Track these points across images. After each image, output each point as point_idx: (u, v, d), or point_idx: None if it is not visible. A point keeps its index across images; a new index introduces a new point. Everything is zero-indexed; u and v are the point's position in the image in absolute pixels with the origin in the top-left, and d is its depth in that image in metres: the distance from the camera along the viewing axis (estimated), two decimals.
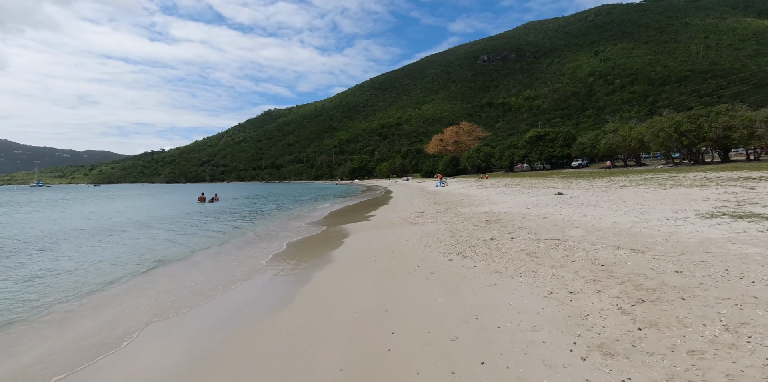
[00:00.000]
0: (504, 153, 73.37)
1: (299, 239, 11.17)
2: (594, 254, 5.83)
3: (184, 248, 10.47)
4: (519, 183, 28.36)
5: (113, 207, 28.71)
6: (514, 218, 10.54)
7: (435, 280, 5.41)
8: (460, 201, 18.31)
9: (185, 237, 12.35)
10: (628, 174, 29.20)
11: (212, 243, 11.03)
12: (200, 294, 5.98)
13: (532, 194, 17.86)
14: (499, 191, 22.31)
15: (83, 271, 7.86)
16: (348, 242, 10.00)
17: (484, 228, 9.38)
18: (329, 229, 13.00)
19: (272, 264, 7.96)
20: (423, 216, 13.40)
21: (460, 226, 10.18)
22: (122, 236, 12.87)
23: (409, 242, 8.69)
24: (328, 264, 7.46)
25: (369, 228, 12.20)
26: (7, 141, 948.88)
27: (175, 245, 10.89)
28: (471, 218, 11.64)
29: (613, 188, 18.42)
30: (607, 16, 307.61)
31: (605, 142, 48.59)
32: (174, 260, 8.90)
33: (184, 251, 9.99)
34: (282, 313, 4.87)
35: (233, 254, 9.37)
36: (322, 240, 10.69)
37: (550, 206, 12.56)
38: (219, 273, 7.40)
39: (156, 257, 9.18)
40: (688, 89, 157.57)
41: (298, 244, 10.34)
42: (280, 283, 6.50)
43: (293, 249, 9.58)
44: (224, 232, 13.24)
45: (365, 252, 8.14)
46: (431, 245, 7.90)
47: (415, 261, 6.67)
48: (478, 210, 13.50)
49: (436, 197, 23.02)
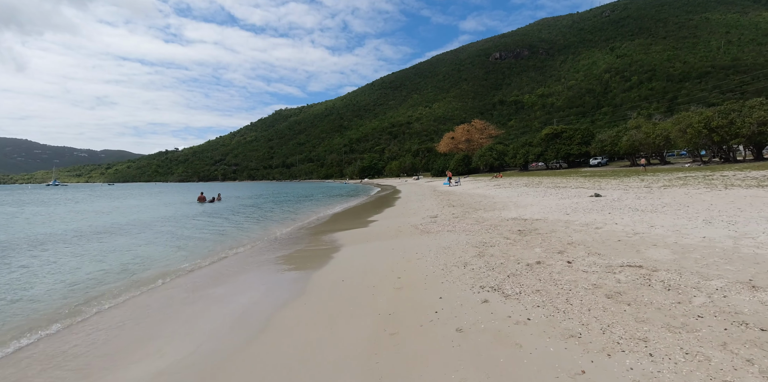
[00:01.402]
0: (518, 151, 70.81)
1: (276, 256, 8.83)
2: (729, 303, 3.56)
3: (115, 274, 7.60)
4: (540, 183, 25.91)
5: (103, 207, 27.02)
6: (555, 228, 8.25)
7: (466, 349, 3.19)
8: (479, 203, 16.00)
9: (146, 249, 10.28)
10: (656, 173, 26.65)
11: (154, 263, 8.63)
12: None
13: (562, 196, 15.46)
14: (521, 192, 19.92)
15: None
16: (338, 258, 7.81)
17: (520, 243, 7.10)
18: (319, 238, 10.81)
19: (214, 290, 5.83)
20: (437, 222, 11.16)
21: (486, 238, 7.92)
22: (76, 247, 10.93)
23: (421, 262, 6.47)
24: (298, 298, 5.27)
25: (370, 238, 10.00)
26: (28, 141, 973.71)
27: (106, 271, 7.82)
28: (498, 225, 9.36)
29: (656, 189, 15.95)
30: (623, 11, 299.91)
31: (627, 140, 45.82)
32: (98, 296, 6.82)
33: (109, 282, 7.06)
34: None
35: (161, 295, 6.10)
36: (305, 256, 8.44)
37: (595, 211, 10.21)
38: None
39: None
40: (709, 85, 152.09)
41: (269, 262, 8.16)
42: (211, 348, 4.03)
43: (256, 273, 7.42)
44: (188, 248, 10.48)
45: (358, 278, 5.93)
46: (452, 270, 5.68)
47: (431, 300, 4.46)
48: (503, 215, 11.20)
49: (450, 198, 20.68)
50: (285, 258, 8.38)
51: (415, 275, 5.64)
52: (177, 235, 12.58)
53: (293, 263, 7.78)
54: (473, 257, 6.27)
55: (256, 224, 15.52)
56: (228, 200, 33.79)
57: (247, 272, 7.35)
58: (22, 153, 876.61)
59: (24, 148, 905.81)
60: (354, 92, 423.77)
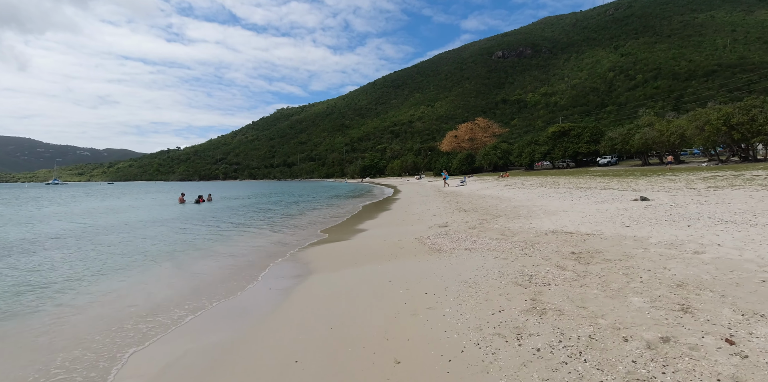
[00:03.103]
0: (524, 150, 68.27)
1: (192, 320, 6.37)
2: None
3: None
4: (556, 183, 23.26)
5: (62, 210, 24.43)
6: (627, 250, 5.69)
7: None
8: (496, 208, 13.40)
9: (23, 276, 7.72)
10: (678, 172, 24.11)
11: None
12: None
13: (596, 199, 12.83)
14: (540, 193, 17.30)
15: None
16: (296, 302, 5.17)
17: (589, 279, 4.52)
18: (284, 259, 8.29)
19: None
20: (449, 234, 8.60)
21: (528, 265, 5.36)
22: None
23: (435, 316, 3.89)
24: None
25: (358, 258, 7.40)
26: (31, 140, 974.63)
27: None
28: (536, 243, 6.79)
29: (703, 190, 13.42)
30: (627, 9, 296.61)
31: (640, 138, 43.34)
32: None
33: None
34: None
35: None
36: (238, 306, 5.38)
37: (664, 222, 7.61)
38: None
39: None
40: (715, 84, 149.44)
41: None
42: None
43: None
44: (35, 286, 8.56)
45: (322, 359, 3.39)
46: (497, 347, 3.08)
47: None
48: (536, 226, 8.63)
49: (459, 201, 18.06)
50: (211, 318, 4.80)
51: (427, 357, 3.10)
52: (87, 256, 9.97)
53: (211, 325, 4.59)
54: (524, 312, 3.69)
55: (218, 238, 12.34)
56: (217, 201, 31.29)
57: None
58: (26, 152, 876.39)
59: (27, 147, 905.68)
60: (356, 91, 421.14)
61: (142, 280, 6.72)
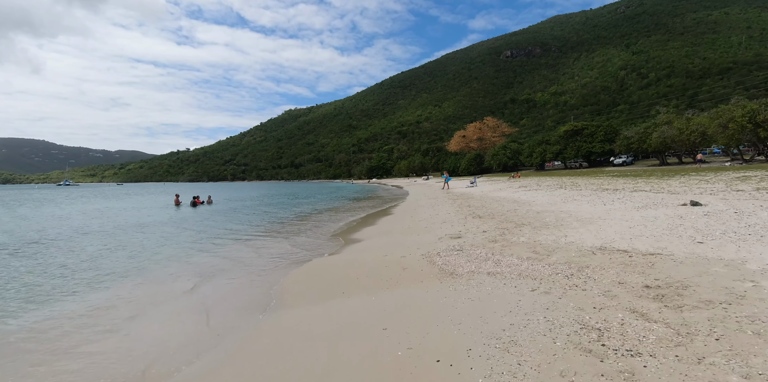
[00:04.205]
0: (534, 150, 66.32)
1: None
2: None
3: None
4: (575, 184, 21.33)
5: (54, 211, 23.19)
6: (730, 284, 3.89)
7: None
8: (514, 213, 11.61)
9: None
10: (701, 172, 21.96)
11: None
12: None
13: (635, 204, 10.87)
14: (563, 196, 15.45)
15: None
16: (242, 359, 3.52)
17: (715, 348, 2.74)
18: (259, 280, 6.66)
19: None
20: (463, 250, 6.91)
21: (586, 308, 3.64)
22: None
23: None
24: None
25: (344, 285, 5.72)
26: (45, 142, 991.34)
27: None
28: (583, 267, 5.06)
29: (753, 193, 11.61)
30: (639, 7, 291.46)
31: (658, 136, 41.35)
32: None
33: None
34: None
35: None
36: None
37: (750, 236, 5.77)
38: None
39: None
40: (731, 82, 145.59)
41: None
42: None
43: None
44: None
45: None
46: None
47: None
48: (573, 239, 6.88)
49: (471, 204, 16.26)
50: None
51: None
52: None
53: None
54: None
55: (172, 258, 10.45)
56: (217, 203, 29.96)
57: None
58: (39, 153, 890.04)
59: (41, 149, 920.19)
60: (363, 92, 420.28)
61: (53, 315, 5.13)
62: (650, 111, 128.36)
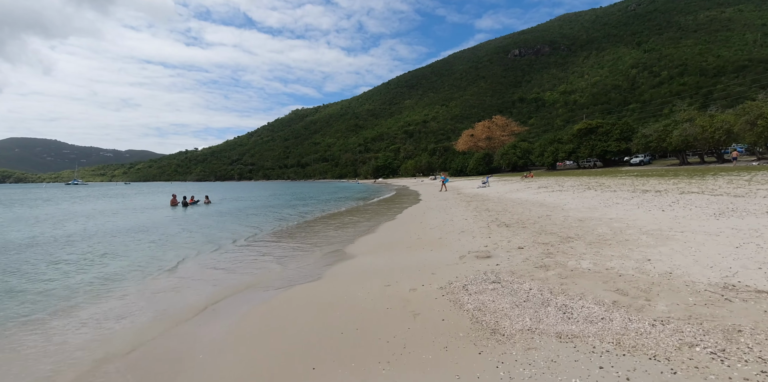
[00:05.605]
0: (546, 149, 64.62)
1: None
2: None
3: None
4: (602, 184, 19.67)
5: (45, 212, 22.37)
6: None
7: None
8: (549, 220, 10.13)
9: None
10: (731, 172, 19.90)
11: None
12: None
13: (707, 211, 9.14)
14: (601, 199, 13.81)
15: None
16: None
17: None
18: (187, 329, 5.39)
19: None
20: (501, 281, 5.09)
21: None
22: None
23: None
24: None
25: (311, 354, 3.51)
26: (57, 141, 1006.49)
27: None
28: (732, 330, 3.16)
29: None
30: (650, 5, 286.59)
31: (679, 134, 39.65)
32: None
33: None
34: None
35: None
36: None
37: None
38: None
39: None
40: (747, 79, 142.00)
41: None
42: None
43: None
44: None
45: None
46: None
47: None
48: (667, 268, 5.11)
49: (490, 207, 14.86)
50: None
51: None
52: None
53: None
54: None
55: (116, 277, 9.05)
56: (215, 202, 29.08)
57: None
58: (52, 153, 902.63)
59: (53, 149, 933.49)
60: (369, 92, 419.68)
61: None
62: (663, 110, 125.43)
